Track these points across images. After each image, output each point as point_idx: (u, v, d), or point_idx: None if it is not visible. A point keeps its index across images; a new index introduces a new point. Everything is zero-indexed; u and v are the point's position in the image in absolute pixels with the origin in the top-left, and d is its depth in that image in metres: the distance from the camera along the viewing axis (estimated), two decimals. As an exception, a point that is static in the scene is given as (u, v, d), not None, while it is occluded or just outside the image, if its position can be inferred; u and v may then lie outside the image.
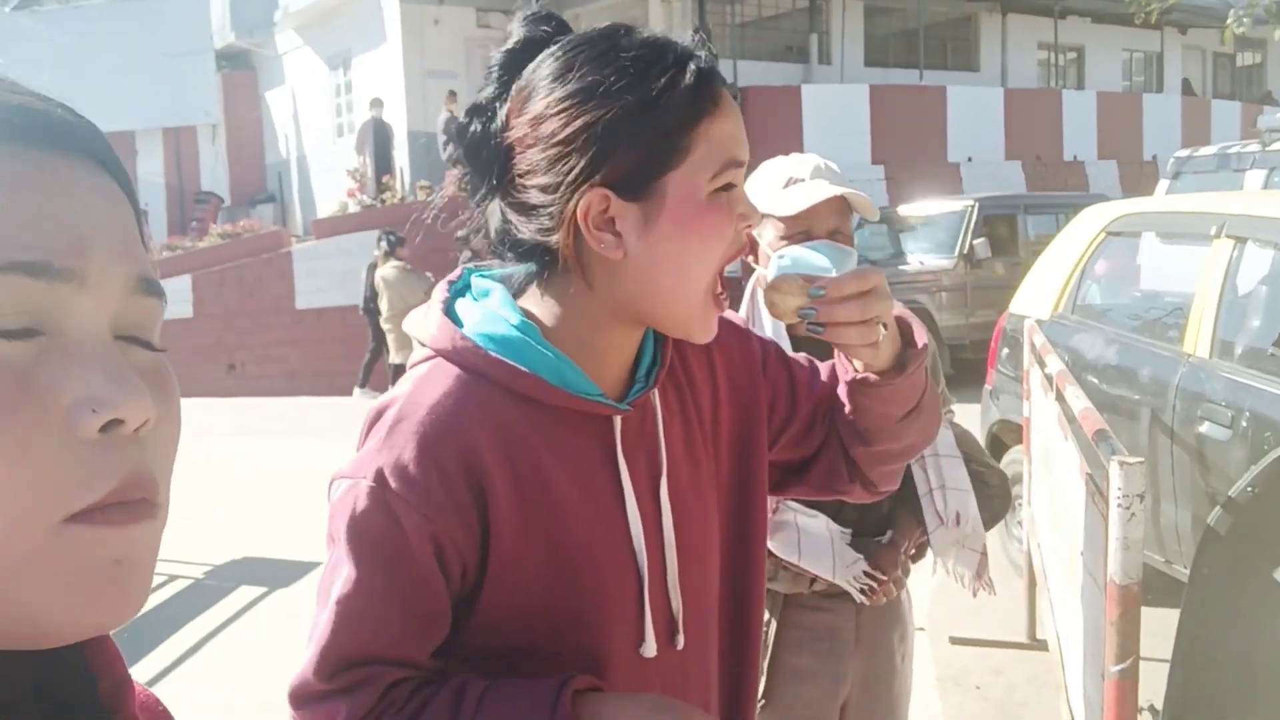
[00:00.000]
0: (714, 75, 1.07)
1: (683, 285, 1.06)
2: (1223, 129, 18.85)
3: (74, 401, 0.49)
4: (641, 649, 1.11)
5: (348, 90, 18.56)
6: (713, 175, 1.05)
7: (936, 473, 2.03)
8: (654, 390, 1.16)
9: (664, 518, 1.14)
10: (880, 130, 16.13)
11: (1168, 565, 4.16)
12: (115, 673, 0.62)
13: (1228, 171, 7.93)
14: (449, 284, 1.17)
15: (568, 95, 1.03)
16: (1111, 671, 1.98)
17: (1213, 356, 3.98)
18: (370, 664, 1.02)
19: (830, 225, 1.97)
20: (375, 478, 1.02)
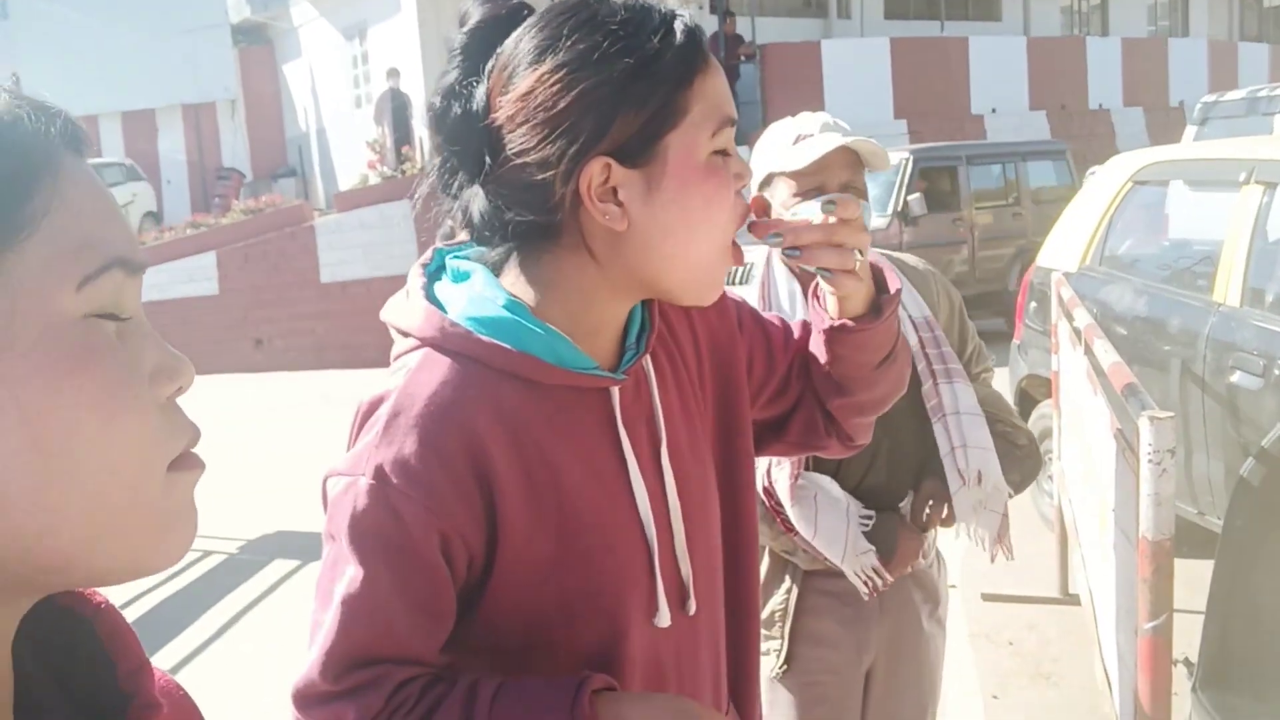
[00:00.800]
0: (701, 32, 1.06)
1: (690, 251, 1.05)
2: (1251, 72, 18.54)
3: (154, 371, 0.58)
4: (656, 619, 1.10)
5: (364, 61, 18.50)
6: (712, 134, 1.03)
7: (958, 431, 2.01)
8: (646, 356, 1.15)
9: (667, 484, 1.13)
10: (902, 84, 15.94)
11: (1200, 517, 4.13)
12: (133, 658, 0.63)
13: (1256, 116, 7.80)
14: (422, 267, 1.14)
15: (560, 65, 1.00)
16: (1145, 628, 1.97)
17: (1243, 305, 3.93)
18: (377, 664, 1.00)
19: (842, 179, 1.95)
20: (375, 474, 0.99)
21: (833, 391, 1.28)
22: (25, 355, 0.52)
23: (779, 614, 2.09)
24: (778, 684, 2.11)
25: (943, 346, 2.05)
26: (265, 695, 3.81)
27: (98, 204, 0.57)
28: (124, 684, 0.63)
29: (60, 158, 0.55)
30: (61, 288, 0.53)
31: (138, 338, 0.58)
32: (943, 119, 15.87)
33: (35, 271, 0.53)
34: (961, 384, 2.04)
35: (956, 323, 2.19)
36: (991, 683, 3.86)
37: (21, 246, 0.52)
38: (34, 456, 0.52)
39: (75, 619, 0.64)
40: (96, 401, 0.54)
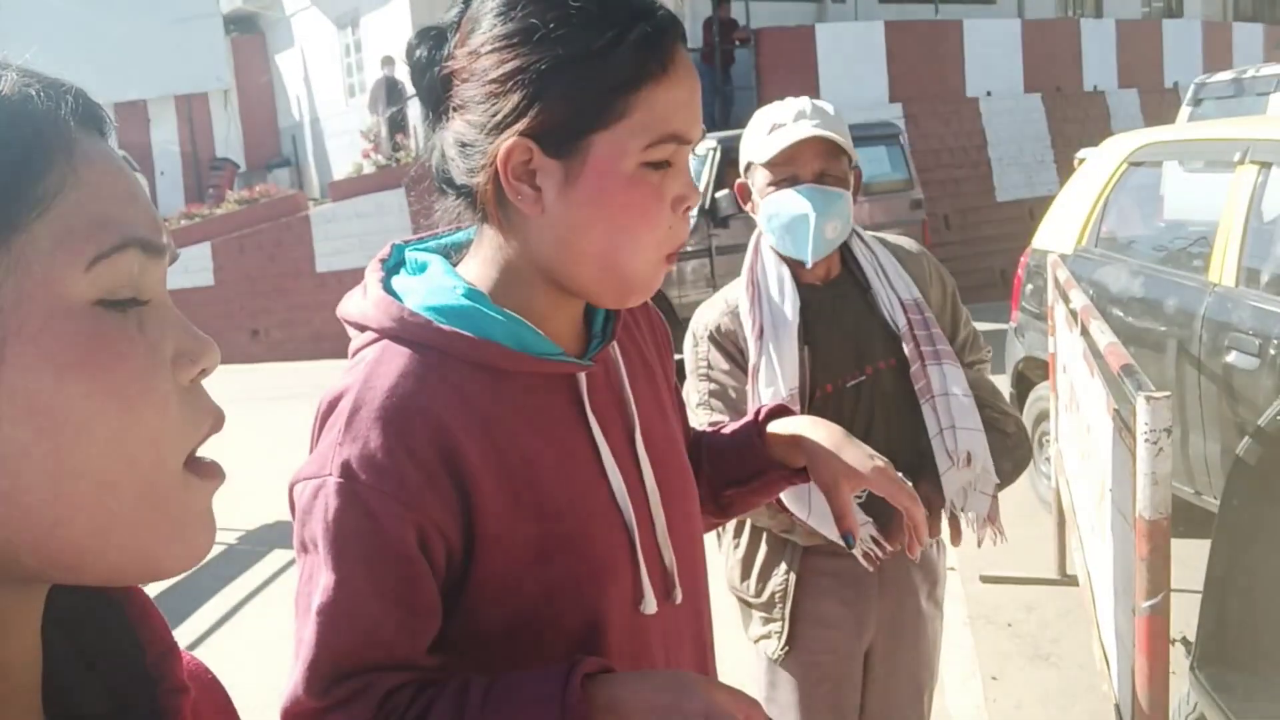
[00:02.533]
0: (667, 39, 0.99)
1: (604, 255, 1.02)
2: (1245, 53, 18.51)
3: (175, 354, 0.57)
4: (641, 606, 1.09)
5: (357, 49, 18.43)
6: (646, 145, 0.99)
7: (946, 413, 2.01)
8: (614, 344, 1.14)
9: (644, 471, 1.12)
10: (897, 68, 15.90)
11: (1197, 497, 4.15)
12: (161, 642, 0.64)
13: (1250, 96, 7.80)
14: (380, 262, 1.12)
15: (505, 34, 0.99)
16: (1142, 607, 1.98)
17: (1239, 285, 3.93)
18: (363, 673, 0.96)
19: (815, 168, 1.97)
20: (342, 472, 0.96)
21: (731, 486, 1.37)
22: (34, 340, 0.51)
23: (779, 595, 2.09)
24: (778, 666, 2.12)
25: (932, 328, 2.05)
26: (265, 686, 3.81)
27: (116, 184, 0.56)
28: (153, 667, 0.63)
29: (75, 136, 0.54)
30: (71, 268, 0.52)
31: (160, 322, 0.57)
32: (937, 102, 15.85)
33: (44, 252, 0.52)
34: (950, 365, 2.04)
35: (949, 307, 2.20)
36: (991, 664, 3.87)
37: (31, 227, 0.51)
38: (45, 444, 0.51)
39: (106, 602, 0.64)
40: (110, 390, 0.53)
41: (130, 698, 0.63)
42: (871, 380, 2.05)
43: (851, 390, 2.05)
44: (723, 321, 2.07)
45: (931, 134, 15.53)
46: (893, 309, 2.04)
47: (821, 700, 2.11)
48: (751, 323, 2.04)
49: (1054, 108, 16.82)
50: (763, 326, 2.02)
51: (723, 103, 14.80)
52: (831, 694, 2.11)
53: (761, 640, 2.13)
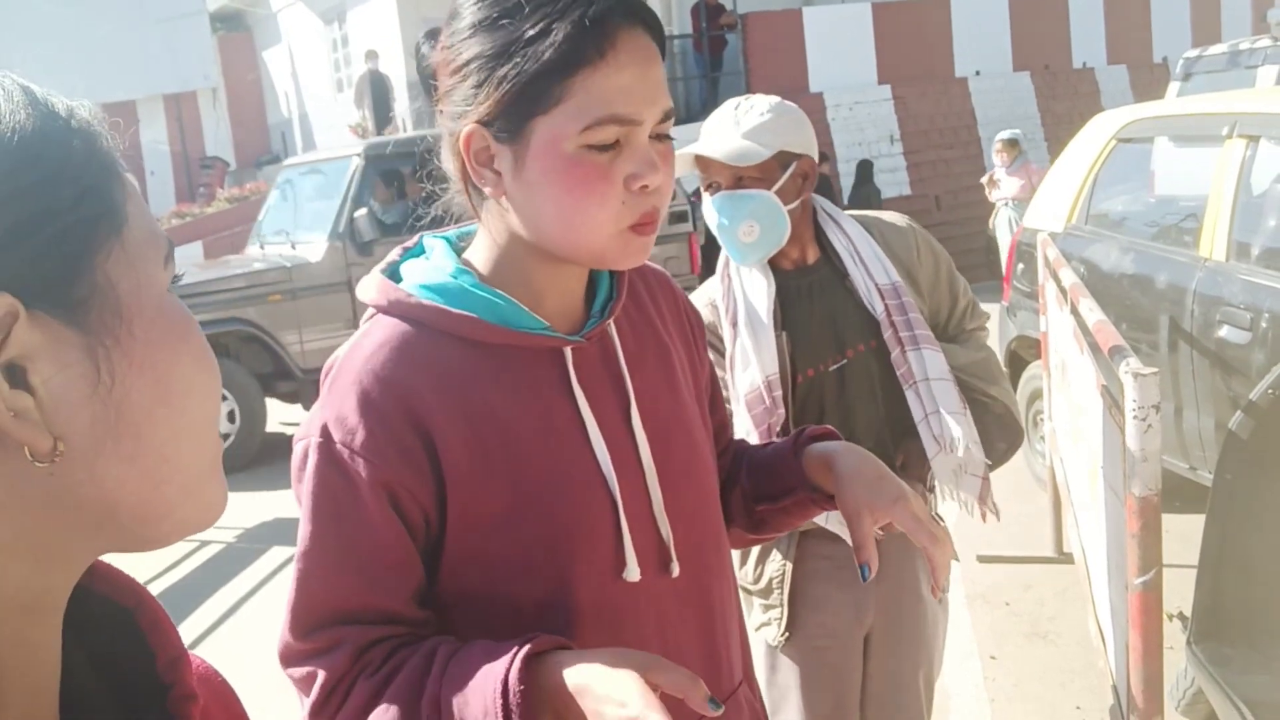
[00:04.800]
0: (608, 23, 1.01)
1: (568, 231, 1.06)
2: (1234, 26, 18.47)
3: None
4: (625, 574, 1.12)
5: (344, 44, 18.38)
6: (584, 128, 1.01)
7: (930, 398, 2.02)
8: (611, 323, 1.17)
9: (640, 445, 1.15)
10: (885, 49, 15.87)
11: (1192, 472, 4.15)
12: (172, 649, 0.66)
13: (1239, 69, 7.79)
14: (403, 249, 1.20)
15: (466, 26, 1.05)
16: (1135, 583, 1.99)
17: (1229, 259, 3.93)
18: (343, 622, 1.04)
19: (727, 175, 1.99)
20: (321, 433, 1.05)
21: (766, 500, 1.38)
22: (153, 320, 0.58)
23: (776, 581, 2.10)
24: (778, 651, 2.12)
25: (909, 313, 2.04)
26: (266, 684, 3.82)
27: (143, 201, 0.62)
28: (163, 674, 0.65)
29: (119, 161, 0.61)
30: (155, 264, 0.60)
31: None
32: (926, 83, 15.83)
33: (141, 249, 0.59)
34: (929, 349, 2.04)
35: (945, 279, 2.19)
36: (989, 643, 3.89)
37: (126, 229, 0.59)
38: (164, 409, 0.59)
39: (117, 610, 0.66)
40: (201, 363, 0.61)
41: (141, 704, 0.64)
42: (853, 363, 2.06)
43: (834, 374, 2.06)
44: (706, 313, 2.08)
45: (921, 114, 15.51)
46: (870, 294, 2.04)
47: (822, 684, 2.11)
48: (725, 310, 2.06)
49: (1043, 86, 16.80)
50: (736, 315, 2.04)
51: (711, 88, 14.77)
52: (832, 678, 2.12)
53: (762, 628, 2.13)
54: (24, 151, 0.54)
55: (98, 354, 0.55)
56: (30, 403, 0.53)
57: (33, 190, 0.54)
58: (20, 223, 0.54)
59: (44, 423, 0.54)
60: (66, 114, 0.58)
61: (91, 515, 0.57)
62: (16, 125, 0.55)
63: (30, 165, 0.54)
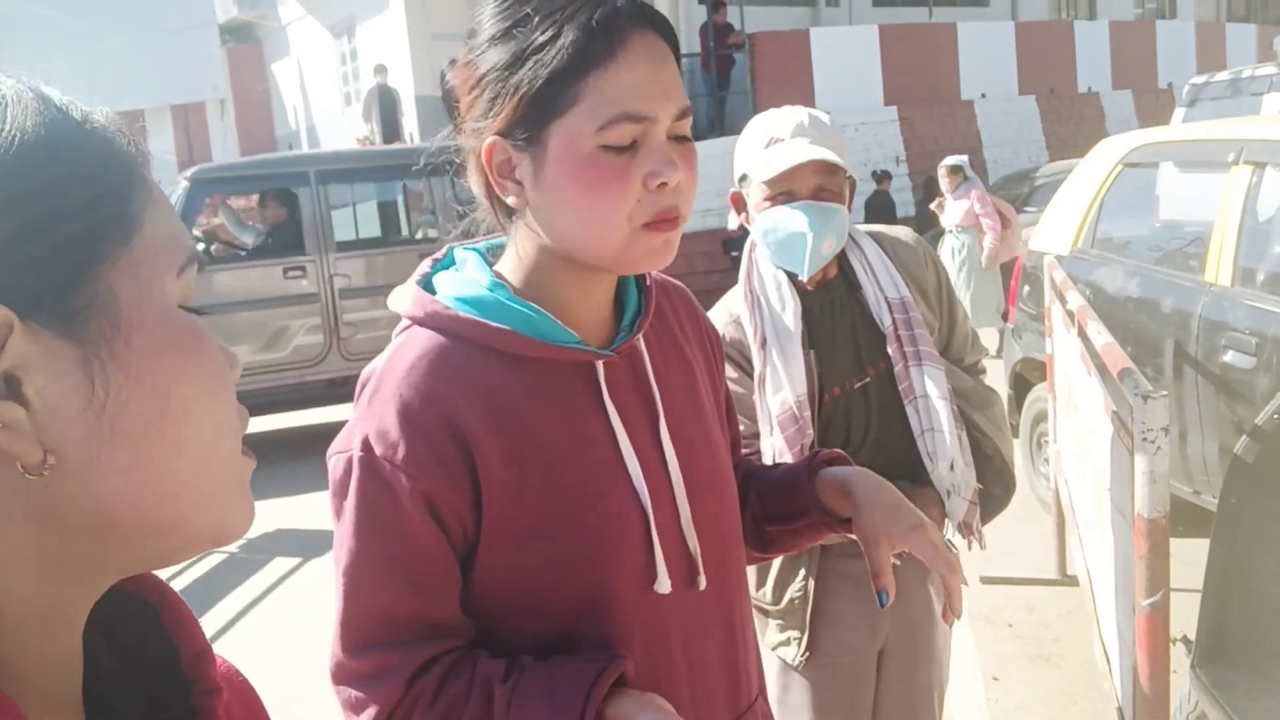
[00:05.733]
0: (616, 23, 1.03)
1: (586, 234, 1.06)
2: (1238, 53, 18.56)
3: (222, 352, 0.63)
4: (655, 586, 1.12)
5: (353, 58, 18.45)
6: (599, 128, 1.02)
7: (926, 414, 2.03)
8: (639, 337, 1.18)
9: (669, 459, 1.16)
10: (891, 71, 15.93)
11: (1196, 496, 4.16)
12: (195, 644, 0.67)
13: (1244, 96, 7.81)
14: (433, 261, 1.21)
15: (481, 41, 1.07)
16: (1142, 605, 1.99)
17: (1235, 284, 3.95)
18: (392, 637, 1.05)
19: (813, 184, 1.97)
20: (361, 446, 1.05)
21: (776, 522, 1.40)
22: (154, 332, 0.58)
23: (798, 602, 2.09)
24: (793, 670, 2.12)
25: (916, 329, 2.05)
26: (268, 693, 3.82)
27: (169, 208, 0.63)
28: (187, 669, 0.66)
29: (143, 167, 0.62)
30: (167, 275, 0.60)
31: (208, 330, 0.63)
32: (932, 105, 15.88)
33: (149, 260, 0.59)
34: (931, 367, 2.04)
35: (946, 298, 2.20)
36: (992, 664, 3.88)
37: (138, 237, 0.58)
38: (162, 424, 0.58)
39: (142, 606, 0.67)
40: (208, 377, 0.60)
41: (165, 698, 0.65)
42: (875, 381, 2.06)
43: (859, 392, 2.06)
44: (727, 331, 2.07)
45: (927, 136, 15.56)
46: (879, 308, 2.05)
47: (836, 701, 2.11)
48: (754, 331, 2.04)
49: (1048, 109, 16.87)
50: (765, 335, 2.02)
51: (719, 107, 14.82)
52: (846, 695, 2.12)
53: (780, 647, 2.13)
54: (27, 156, 0.54)
55: (92, 366, 0.55)
56: (22, 414, 0.53)
57: (37, 195, 0.54)
58: (21, 229, 0.53)
59: (36, 435, 0.53)
60: (82, 119, 0.58)
61: (91, 528, 0.56)
62: (22, 129, 0.55)
63: (34, 170, 0.54)
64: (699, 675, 1.18)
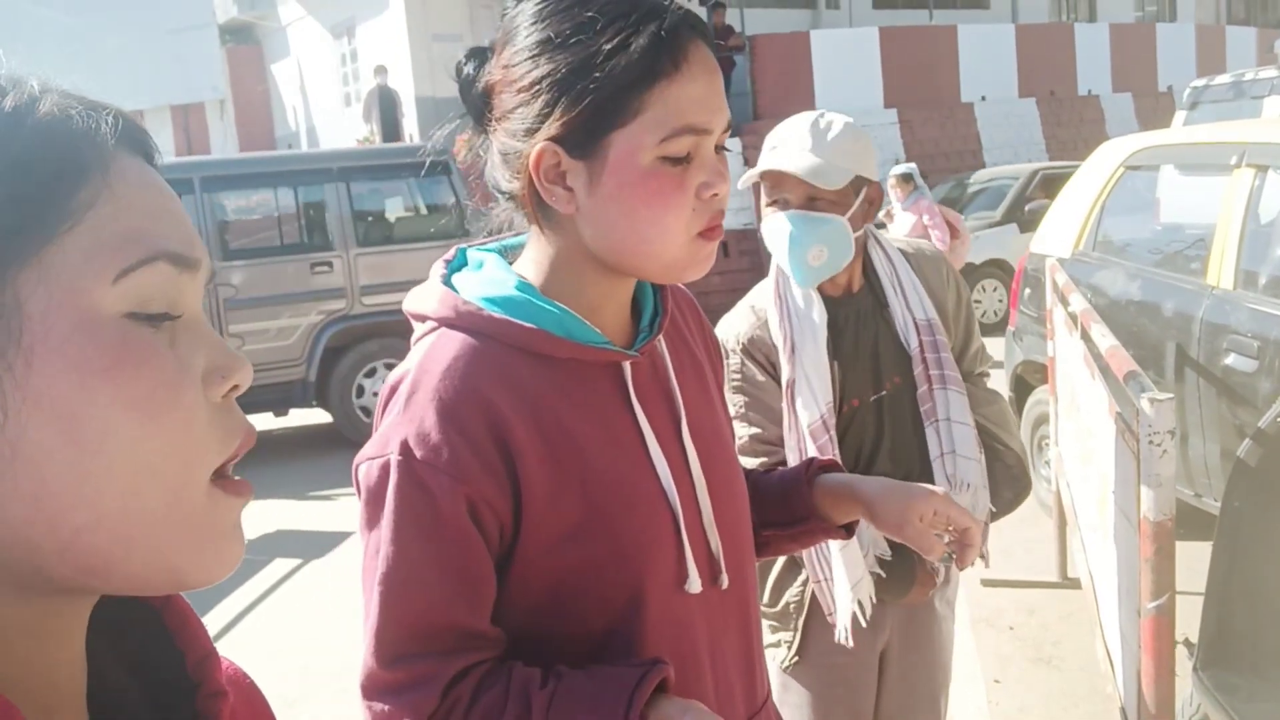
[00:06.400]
0: (680, 36, 1.03)
1: (642, 244, 1.07)
2: (1238, 56, 18.57)
3: (207, 370, 0.58)
4: (686, 586, 1.13)
5: (353, 59, 18.45)
6: (661, 140, 1.03)
7: (948, 437, 2.03)
8: (660, 338, 1.19)
9: (690, 459, 1.16)
10: (892, 73, 15.95)
11: (1198, 499, 4.16)
12: (201, 648, 0.66)
13: (1245, 99, 7.82)
14: (445, 262, 1.19)
15: (532, 44, 1.05)
16: (1147, 608, 1.99)
17: (1236, 288, 3.95)
18: (427, 646, 1.03)
19: (801, 193, 1.96)
20: (400, 450, 1.02)
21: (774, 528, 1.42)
22: (59, 350, 0.52)
23: (794, 606, 2.09)
24: (787, 673, 2.12)
25: (941, 351, 2.05)
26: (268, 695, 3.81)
27: (152, 200, 0.58)
28: (193, 672, 0.65)
29: (113, 154, 0.57)
30: (99, 281, 0.54)
31: (193, 337, 0.58)
32: (932, 107, 15.90)
33: (74, 264, 0.53)
34: (955, 391, 2.05)
35: (964, 314, 2.20)
36: (993, 667, 3.88)
37: (62, 239, 0.53)
38: (70, 451, 0.52)
39: (147, 610, 0.66)
40: (134, 400, 0.54)
41: (171, 702, 0.65)
42: (891, 395, 2.06)
43: (874, 405, 2.06)
44: (754, 333, 2.06)
45: (927, 139, 15.58)
46: (906, 328, 2.05)
47: (836, 703, 2.11)
48: (783, 337, 2.02)
49: (1048, 112, 16.88)
50: (794, 342, 2.01)
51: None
52: (847, 696, 2.12)
53: (769, 648, 2.13)
54: None
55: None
56: None
57: None
58: None
59: None
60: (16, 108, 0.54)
61: (15, 549, 0.53)
62: None
63: None
64: (721, 673, 1.18)
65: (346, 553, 5.68)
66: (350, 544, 5.77)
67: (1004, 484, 2.16)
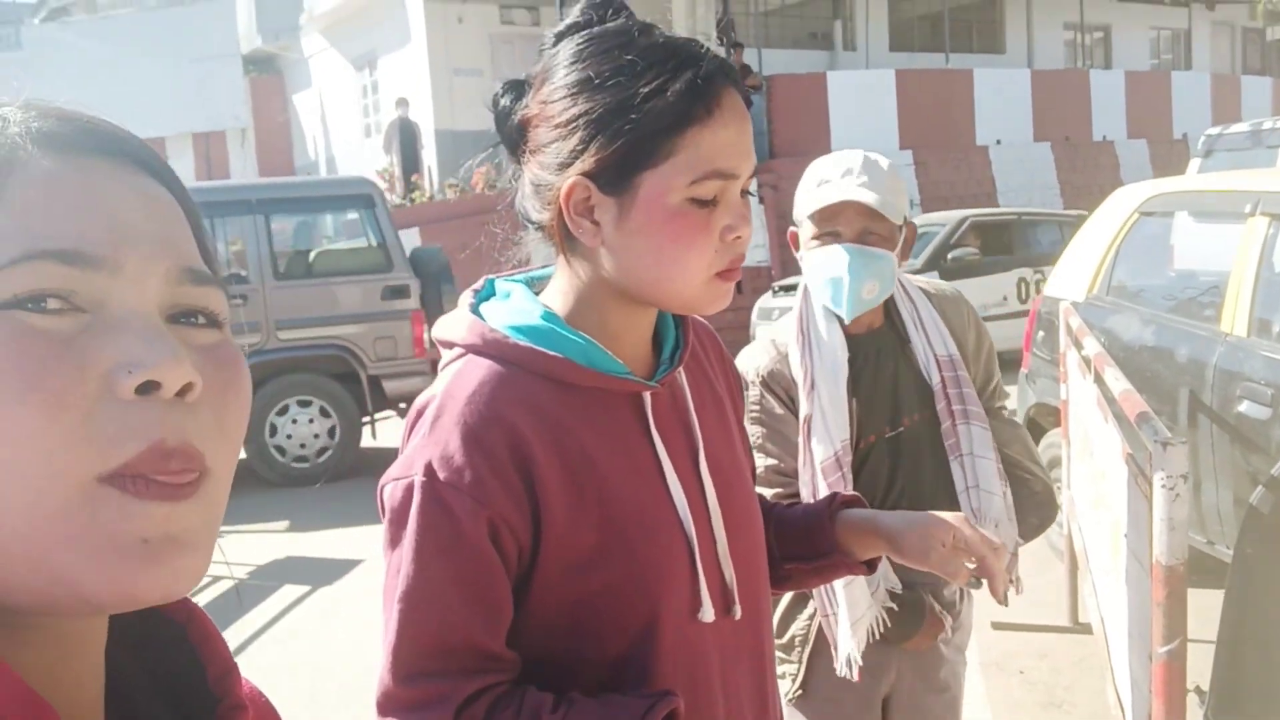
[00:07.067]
0: (714, 84, 1.07)
1: (663, 279, 1.10)
2: (1253, 105, 18.63)
3: (113, 365, 0.53)
4: (699, 615, 1.14)
5: (374, 91, 18.65)
6: (691, 182, 1.06)
7: (972, 472, 2.04)
8: (680, 370, 1.21)
9: (707, 490, 1.18)
10: (907, 115, 16.04)
11: (1210, 546, 4.14)
12: (222, 662, 0.67)
13: (1261, 149, 7.84)
14: (474, 292, 1.22)
15: (571, 83, 1.08)
16: (1159, 653, 1.99)
17: (1250, 335, 3.95)
18: (445, 666, 1.04)
19: (858, 227, 1.97)
20: (425, 471, 1.05)
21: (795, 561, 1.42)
22: None
23: (799, 639, 2.10)
24: (791, 705, 2.12)
25: (964, 387, 2.06)
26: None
27: (60, 199, 0.56)
28: (214, 686, 0.67)
29: (17, 161, 0.56)
30: None
31: (103, 331, 0.54)
32: (947, 150, 15.96)
33: None
34: (978, 426, 2.06)
35: (986, 354, 2.21)
36: (1003, 712, 3.86)
37: None
38: None
39: (170, 625, 0.68)
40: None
41: (193, 715, 0.66)
42: (907, 432, 2.07)
43: (889, 442, 2.07)
44: (774, 366, 2.07)
45: (941, 181, 15.62)
46: (928, 364, 2.07)
47: None
48: (803, 373, 2.03)
49: (1063, 157, 16.93)
50: (814, 378, 2.02)
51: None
52: None
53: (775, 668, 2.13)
54: None
55: None
56: None
57: None
58: None
59: None
60: None
61: None
62: None
63: None
64: (734, 703, 1.19)
65: (356, 580, 5.69)
66: (360, 571, 5.77)
67: (1030, 510, 2.16)
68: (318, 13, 18.99)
